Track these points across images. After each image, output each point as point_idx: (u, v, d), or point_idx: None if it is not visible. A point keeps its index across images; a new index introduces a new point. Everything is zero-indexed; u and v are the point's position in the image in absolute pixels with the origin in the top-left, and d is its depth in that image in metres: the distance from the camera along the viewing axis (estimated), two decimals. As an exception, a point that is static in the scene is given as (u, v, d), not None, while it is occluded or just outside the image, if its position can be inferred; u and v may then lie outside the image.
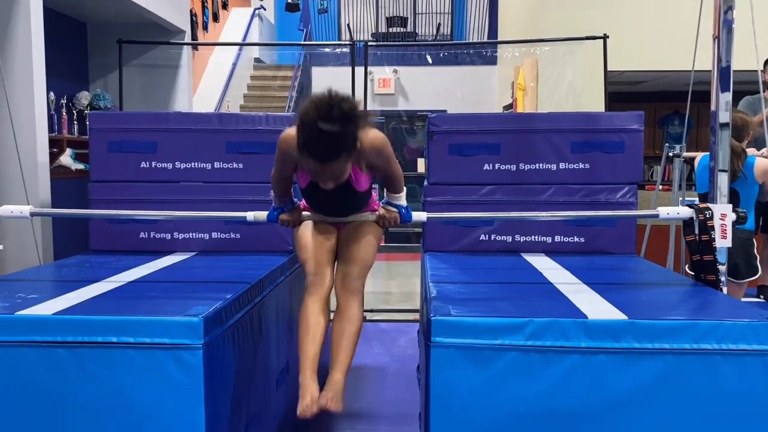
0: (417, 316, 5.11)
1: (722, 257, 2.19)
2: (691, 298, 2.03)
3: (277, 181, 2.10)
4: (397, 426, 3.09)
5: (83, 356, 1.69)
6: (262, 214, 2.15)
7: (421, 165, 11.04)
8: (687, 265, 3.94)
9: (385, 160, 1.99)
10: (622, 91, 8.85)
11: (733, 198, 3.69)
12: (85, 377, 1.69)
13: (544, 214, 2.52)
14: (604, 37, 4.96)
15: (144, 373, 1.69)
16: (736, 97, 2.56)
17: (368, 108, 5.44)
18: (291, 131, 1.88)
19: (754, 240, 3.90)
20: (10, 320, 1.70)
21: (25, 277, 2.32)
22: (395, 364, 4.13)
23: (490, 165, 2.84)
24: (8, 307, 1.78)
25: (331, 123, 1.73)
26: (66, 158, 4.51)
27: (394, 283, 7.32)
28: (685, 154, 4.50)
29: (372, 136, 1.92)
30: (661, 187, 5.18)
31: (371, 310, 5.37)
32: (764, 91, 4.60)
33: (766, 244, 4.66)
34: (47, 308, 1.77)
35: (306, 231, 2.09)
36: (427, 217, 2.21)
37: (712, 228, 2.12)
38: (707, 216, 2.12)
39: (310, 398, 1.83)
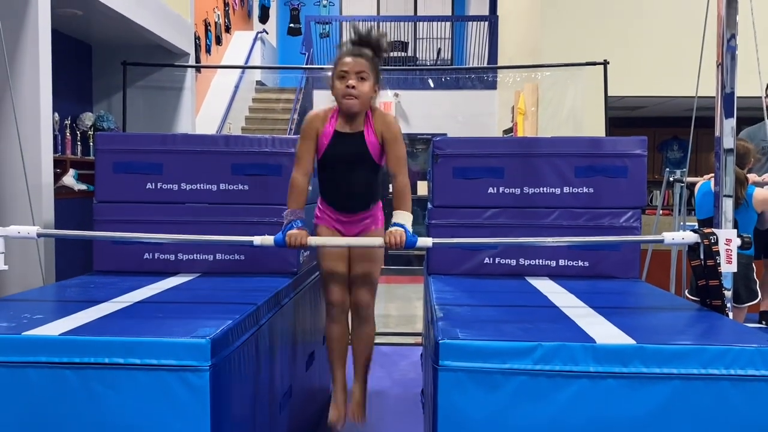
0: (418, 339, 5.09)
1: (727, 282, 2.20)
2: (698, 323, 2.03)
3: (300, 160, 2.37)
4: (400, 451, 3.06)
5: (89, 377, 1.68)
6: (269, 239, 2.16)
7: (421, 187, 11.07)
8: (687, 290, 3.95)
9: (393, 135, 2.32)
10: (622, 116, 8.92)
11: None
12: (92, 398, 1.68)
13: (549, 239, 2.53)
14: (605, 63, 5.01)
15: (150, 394, 1.68)
16: (738, 124, 2.60)
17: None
18: (309, 119, 2.36)
19: (753, 265, 3.91)
20: (17, 340, 1.70)
21: (30, 297, 2.32)
22: (397, 387, 4.10)
23: (495, 188, 2.85)
24: (14, 328, 1.77)
25: (367, 36, 2.33)
26: (69, 179, 4.53)
27: (394, 306, 7.29)
28: (688, 179, 4.53)
29: (387, 113, 2.34)
30: (661, 211, 5.20)
31: (372, 333, 5.34)
32: None
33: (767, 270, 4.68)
34: (53, 329, 1.77)
35: (328, 263, 2.43)
36: (433, 243, 2.22)
37: (717, 253, 2.13)
38: (712, 241, 2.13)
39: (340, 410, 2.39)
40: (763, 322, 4.76)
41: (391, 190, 2.35)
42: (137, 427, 1.68)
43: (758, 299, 3.68)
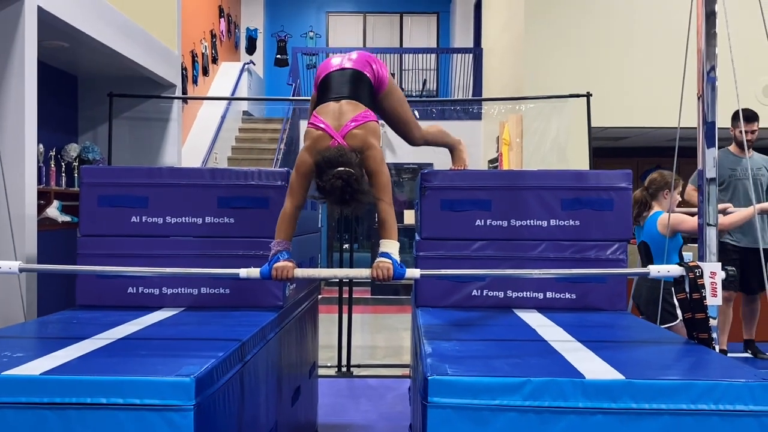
0: (406, 371, 5.05)
1: (713, 313, 2.20)
2: (686, 357, 2.03)
3: (293, 193, 2.37)
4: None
5: (70, 418, 1.64)
6: (255, 271, 2.14)
7: (408, 216, 11.10)
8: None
9: (374, 168, 2.31)
10: (606, 146, 9.03)
11: (646, 252, 3.75)
12: (72, 440, 1.64)
13: (535, 271, 2.53)
14: (588, 95, 5.09)
15: (133, 435, 1.64)
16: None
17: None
18: (306, 158, 2.34)
19: (672, 290, 3.85)
20: (-4, 381, 1.66)
21: (10, 333, 2.27)
22: (383, 421, 4.05)
23: (482, 221, 2.86)
24: (-6, 367, 1.73)
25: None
26: (53, 210, 4.49)
27: (381, 337, 7.24)
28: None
29: (371, 147, 2.32)
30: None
31: (358, 366, 5.30)
32: (730, 146, 4.73)
33: (746, 301, 4.71)
34: (34, 368, 1.73)
35: None
36: (421, 275, 2.21)
37: (703, 286, 2.14)
38: (697, 274, 2.14)
39: None
40: (749, 351, 4.78)
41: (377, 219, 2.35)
42: (119, 469, 1.63)
43: (677, 321, 3.63)
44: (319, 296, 2.44)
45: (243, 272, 2.16)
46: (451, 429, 1.66)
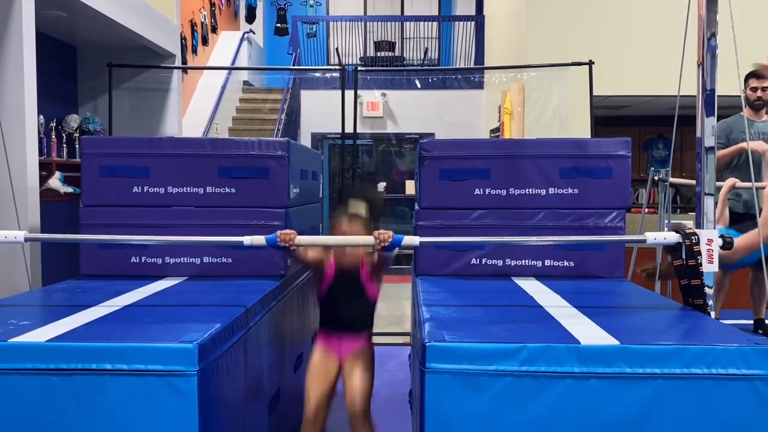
0: (407, 339, 5.10)
1: (709, 281, 2.22)
2: (681, 323, 2.06)
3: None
4: (389, 452, 3.07)
5: (77, 383, 1.68)
6: (260, 238, 2.15)
7: (409, 187, 11.09)
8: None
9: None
10: (608, 115, 8.98)
11: None
12: (79, 405, 1.68)
13: (534, 238, 2.55)
14: (590, 63, 5.05)
15: (138, 400, 1.68)
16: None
17: (357, 131, 5.48)
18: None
19: None
20: (3, 347, 1.69)
21: (16, 302, 2.31)
22: (385, 388, 4.10)
23: (481, 190, 2.87)
24: (0, 334, 1.77)
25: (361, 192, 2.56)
26: (55, 181, 4.50)
27: (383, 306, 7.27)
28: (672, 180, 4.56)
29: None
30: (647, 210, 5.24)
31: (360, 333, 5.34)
32: (745, 108, 4.64)
33: (755, 279, 4.68)
34: (40, 335, 1.76)
35: (312, 375, 2.45)
36: (420, 242, 2.23)
37: (699, 253, 2.16)
38: (694, 241, 2.16)
39: None
40: (761, 331, 4.74)
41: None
42: (126, 431, 1.68)
43: None
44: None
45: (247, 239, 2.18)
46: (448, 394, 1.70)
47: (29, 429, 1.68)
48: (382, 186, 12.76)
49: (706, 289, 2.16)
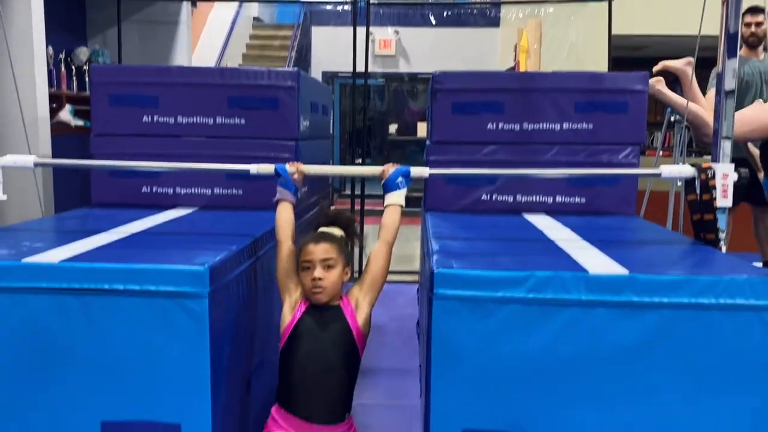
0: (415, 277, 5.15)
1: (722, 223, 2.18)
2: (691, 256, 2.06)
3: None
4: (397, 380, 3.15)
5: (90, 303, 1.71)
6: (268, 167, 2.14)
7: (421, 129, 10.99)
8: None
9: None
10: (625, 56, 8.76)
11: None
12: (92, 324, 1.71)
13: (547, 171, 2.52)
14: (609, 0, 4.90)
15: (150, 320, 1.71)
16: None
17: (369, 70, 5.39)
18: None
19: None
20: (18, 267, 1.72)
21: (29, 227, 2.33)
22: (394, 322, 4.18)
23: (494, 124, 2.83)
24: (15, 254, 1.79)
25: (334, 217, 2.07)
26: (65, 114, 4.50)
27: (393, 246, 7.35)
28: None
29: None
30: (662, 152, 5.18)
31: (370, 271, 5.39)
32: (741, 48, 4.47)
33: (758, 218, 4.62)
34: (53, 256, 1.79)
35: None
36: (430, 173, 2.21)
37: (714, 188, 2.13)
38: (709, 175, 2.13)
39: None
40: None
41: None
42: (138, 351, 1.72)
43: None
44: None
45: (253, 168, 2.17)
46: (455, 320, 1.71)
47: (44, 347, 1.72)
48: (393, 128, 12.65)
49: (720, 234, 2.13)
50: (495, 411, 1.71)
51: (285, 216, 2.05)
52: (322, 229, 2.00)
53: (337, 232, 2.00)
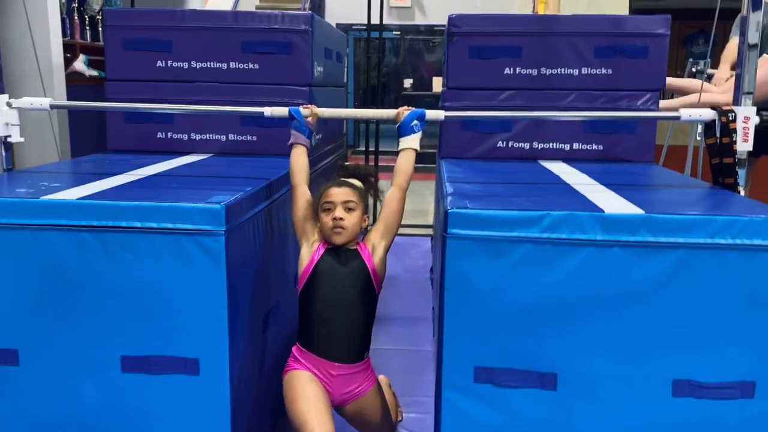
0: (429, 231, 5.17)
1: (741, 179, 2.13)
2: (709, 198, 2.04)
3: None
4: (411, 327, 3.19)
5: (108, 240, 1.73)
6: (282, 110, 2.13)
7: (436, 84, 10.84)
8: None
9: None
10: (645, 8, 8.54)
11: None
12: (111, 260, 1.74)
13: (563, 113, 2.49)
14: (632, -55, 4.75)
15: (167, 257, 1.73)
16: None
17: (384, 22, 5.29)
18: None
19: None
20: (36, 204, 1.74)
21: (46, 170, 2.35)
22: (407, 273, 4.21)
23: (511, 69, 2.79)
24: (33, 193, 1.82)
25: (354, 169, 2.20)
26: (80, 64, 4.48)
27: (407, 201, 7.35)
28: (710, 70, 4.38)
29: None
30: (682, 104, 5.07)
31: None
32: None
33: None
34: (71, 194, 1.81)
35: (306, 402, 1.86)
36: (445, 116, 2.19)
37: (734, 131, 2.10)
38: (730, 119, 2.09)
39: None
40: None
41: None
42: (156, 288, 1.74)
43: None
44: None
45: (267, 110, 2.16)
46: (469, 259, 1.71)
47: (63, 283, 1.75)
48: (408, 83, 12.50)
49: (740, 189, 2.10)
50: (507, 350, 1.73)
51: (300, 160, 2.07)
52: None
53: (357, 183, 2.08)
